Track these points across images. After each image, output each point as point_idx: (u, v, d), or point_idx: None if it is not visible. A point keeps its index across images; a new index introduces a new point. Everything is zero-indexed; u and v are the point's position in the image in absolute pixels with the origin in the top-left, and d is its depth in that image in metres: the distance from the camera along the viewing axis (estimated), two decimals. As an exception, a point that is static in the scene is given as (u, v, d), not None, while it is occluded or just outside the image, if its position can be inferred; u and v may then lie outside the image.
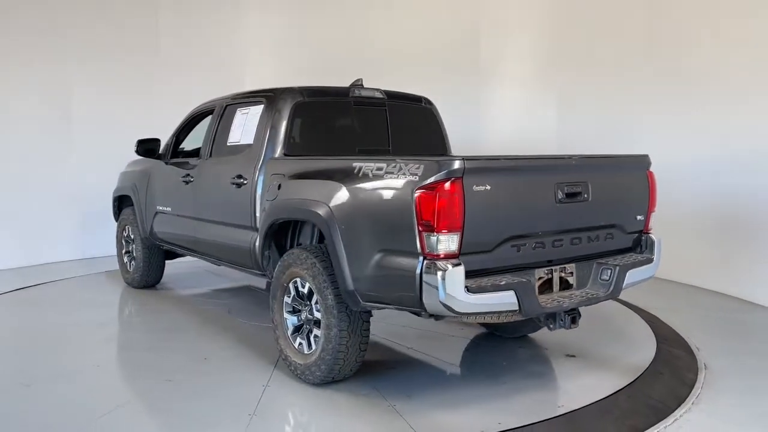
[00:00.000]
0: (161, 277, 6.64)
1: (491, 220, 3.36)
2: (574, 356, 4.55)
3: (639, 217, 4.12)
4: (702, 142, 6.57)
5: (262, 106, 4.71)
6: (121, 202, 6.80)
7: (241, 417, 3.52)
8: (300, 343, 4.01)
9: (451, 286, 3.14)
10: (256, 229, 4.44)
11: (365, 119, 4.98)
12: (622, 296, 6.08)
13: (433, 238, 3.18)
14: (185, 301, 6.27)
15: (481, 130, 9.04)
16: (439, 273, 3.14)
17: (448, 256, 3.19)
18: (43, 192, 7.92)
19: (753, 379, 4.21)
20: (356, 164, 3.67)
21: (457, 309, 3.20)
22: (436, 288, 3.15)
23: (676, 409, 3.71)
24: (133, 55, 8.51)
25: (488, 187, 3.29)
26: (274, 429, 3.55)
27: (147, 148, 5.84)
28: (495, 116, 9.14)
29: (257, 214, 4.42)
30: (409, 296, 3.30)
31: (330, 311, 3.71)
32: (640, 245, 4.17)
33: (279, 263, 4.16)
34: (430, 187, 3.19)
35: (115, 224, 6.89)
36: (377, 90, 5.06)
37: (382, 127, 5.02)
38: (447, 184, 3.18)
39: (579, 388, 3.98)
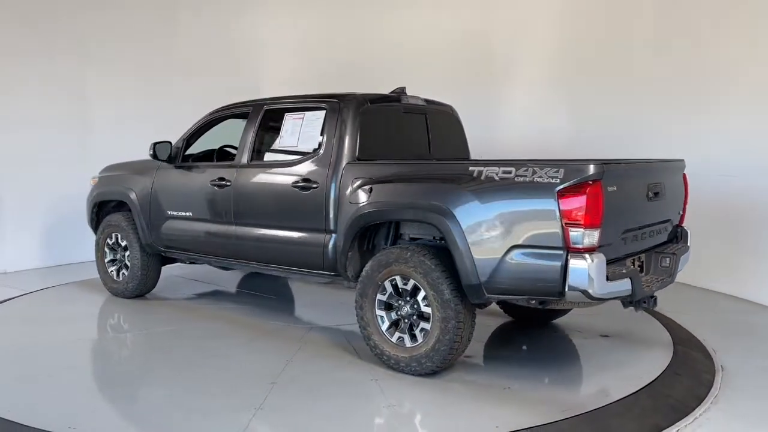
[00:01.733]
0: (155, 285, 6.36)
1: (616, 216, 3.80)
2: (608, 336, 5.11)
3: (679, 212, 4.80)
4: (712, 143, 6.67)
5: (323, 112, 4.83)
6: (101, 209, 6.53)
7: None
8: (400, 338, 4.23)
9: (596, 275, 3.56)
10: (330, 231, 4.60)
11: (411, 125, 5.26)
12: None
13: (579, 234, 3.56)
14: (195, 308, 6.12)
15: (494, 133, 9.13)
16: (588, 264, 3.54)
17: (589, 250, 3.58)
18: (60, 194, 7.95)
19: (769, 381, 4.32)
20: (473, 168, 3.97)
21: (596, 295, 3.61)
22: (584, 277, 3.54)
23: (696, 408, 3.82)
24: (149, 57, 8.68)
25: (615, 188, 3.74)
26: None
27: (164, 151, 5.71)
28: (508, 119, 9.23)
29: (331, 217, 4.58)
30: (547, 286, 3.67)
31: (447, 305, 3.98)
32: (677, 236, 4.74)
33: (371, 262, 4.34)
34: (576, 188, 3.57)
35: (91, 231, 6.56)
36: (419, 98, 5.33)
37: (423, 133, 5.31)
38: (592, 186, 3.57)
39: (600, 387, 4.09)
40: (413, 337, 4.19)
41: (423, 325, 4.13)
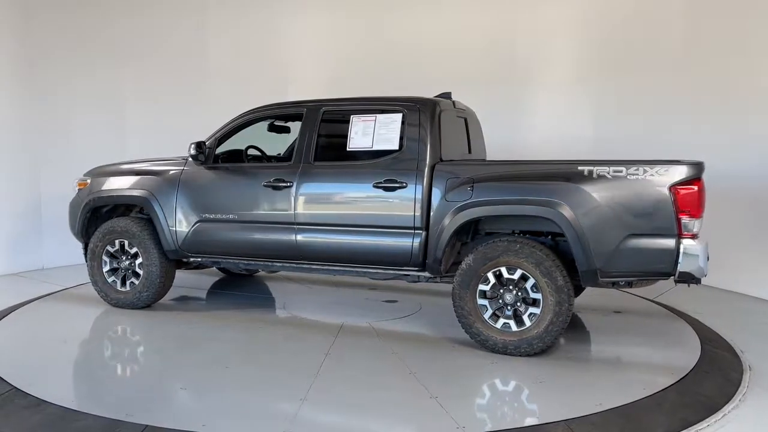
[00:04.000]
0: (167, 292, 6.08)
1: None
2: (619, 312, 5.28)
3: None
4: (738, 146, 6.74)
5: (400, 115, 5.01)
6: (93, 213, 6.10)
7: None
8: (505, 324, 4.63)
9: (703, 256, 4.27)
10: (417, 229, 4.83)
11: (460, 127, 5.52)
12: (664, 300, 6.38)
13: (691, 222, 4.26)
14: (217, 313, 5.93)
15: (517, 134, 9.23)
16: (699, 248, 4.25)
17: (695, 236, 4.28)
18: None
19: (797, 380, 4.40)
20: (583, 168, 4.43)
21: (701, 273, 4.30)
22: (695, 259, 4.23)
23: (725, 405, 3.92)
24: (182, 61, 8.91)
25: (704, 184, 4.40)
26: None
27: (203, 151, 5.55)
28: (531, 121, 9.31)
29: (420, 215, 4.81)
30: (660, 267, 4.33)
31: (561, 290, 4.46)
32: None
33: (473, 256, 4.68)
34: (688, 184, 4.25)
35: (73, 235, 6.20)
36: (460, 102, 5.58)
37: (465, 135, 5.56)
38: (700, 181, 4.30)
39: (630, 383, 4.19)
40: (519, 322, 4.60)
41: (532, 310, 4.57)
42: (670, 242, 4.27)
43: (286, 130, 6.26)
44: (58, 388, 4.12)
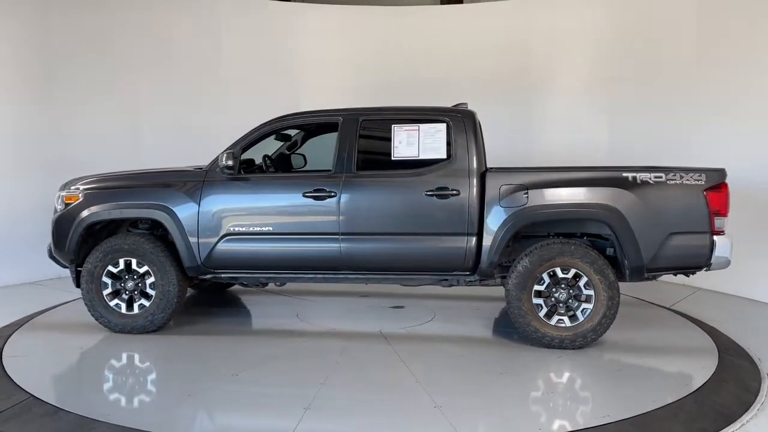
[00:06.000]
0: None
1: None
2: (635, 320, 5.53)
3: None
4: (752, 152, 6.70)
5: (444, 125, 5.22)
6: (87, 231, 5.49)
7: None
8: (559, 320, 4.98)
9: (730, 249, 4.90)
10: (472, 234, 5.06)
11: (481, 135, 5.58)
12: (680, 308, 6.32)
13: (721, 221, 4.90)
14: (235, 328, 5.77)
15: (531, 141, 9.22)
16: (729, 242, 4.89)
17: (723, 232, 4.91)
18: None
19: (817, 389, 4.33)
20: (627, 174, 4.93)
21: (728, 264, 4.95)
22: (726, 251, 4.88)
23: (743, 414, 3.87)
24: (196, 69, 9.00)
25: None
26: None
27: (236, 162, 5.27)
28: (545, 128, 9.30)
29: (474, 221, 5.05)
30: (698, 260, 4.94)
31: (612, 286, 4.92)
32: None
33: (530, 258, 4.98)
34: (717, 188, 4.91)
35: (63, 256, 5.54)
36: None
37: (482, 141, 5.59)
38: (726, 185, 4.94)
39: (646, 391, 4.16)
40: (572, 318, 4.96)
41: (584, 305, 4.96)
42: (705, 239, 4.87)
43: (288, 138, 6.22)
44: (75, 396, 4.16)
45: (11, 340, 5.35)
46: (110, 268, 5.42)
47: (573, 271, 4.97)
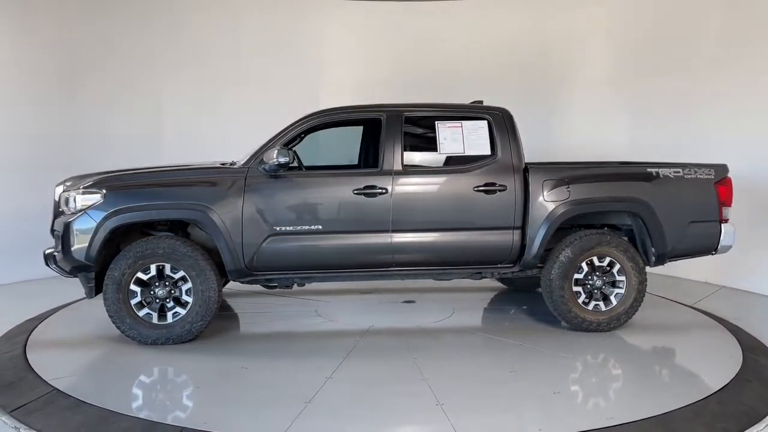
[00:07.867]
0: None
1: None
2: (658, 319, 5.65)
3: None
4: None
5: (485, 122, 5.36)
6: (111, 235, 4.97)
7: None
8: (596, 305, 5.34)
9: (734, 235, 5.46)
10: (518, 228, 5.26)
11: None
12: (704, 306, 6.25)
13: (727, 210, 5.42)
14: (269, 333, 5.62)
15: (552, 136, 9.15)
16: (732, 230, 5.45)
17: (727, 221, 5.44)
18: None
19: (844, 390, 4.25)
20: (651, 169, 5.38)
21: (729, 249, 5.50)
22: (731, 237, 5.45)
23: (767, 415, 3.80)
24: (214, 69, 9.03)
25: None
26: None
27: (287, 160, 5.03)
28: (566, 123, 9.23)
29: (518, 214, 5.25)
30: (709, 245, 5.47)
31: (642, 271, 5.35)
32: None
33: (571, 248, 5.27)
34: (723, 181, 5.43)
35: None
36: None
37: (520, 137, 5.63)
38: (730, 179, 5.46)
39: (668, 391, 4.11)
40: (606, 302, 5.35)
41: (617, 291, 5.35)
42: (716, 226, 5.40)
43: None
44: (98, 389, 4.20)
45: (35, 333, 5.44)
46: (140, 274, 4.97)
47: (608, 260, 5.32)
